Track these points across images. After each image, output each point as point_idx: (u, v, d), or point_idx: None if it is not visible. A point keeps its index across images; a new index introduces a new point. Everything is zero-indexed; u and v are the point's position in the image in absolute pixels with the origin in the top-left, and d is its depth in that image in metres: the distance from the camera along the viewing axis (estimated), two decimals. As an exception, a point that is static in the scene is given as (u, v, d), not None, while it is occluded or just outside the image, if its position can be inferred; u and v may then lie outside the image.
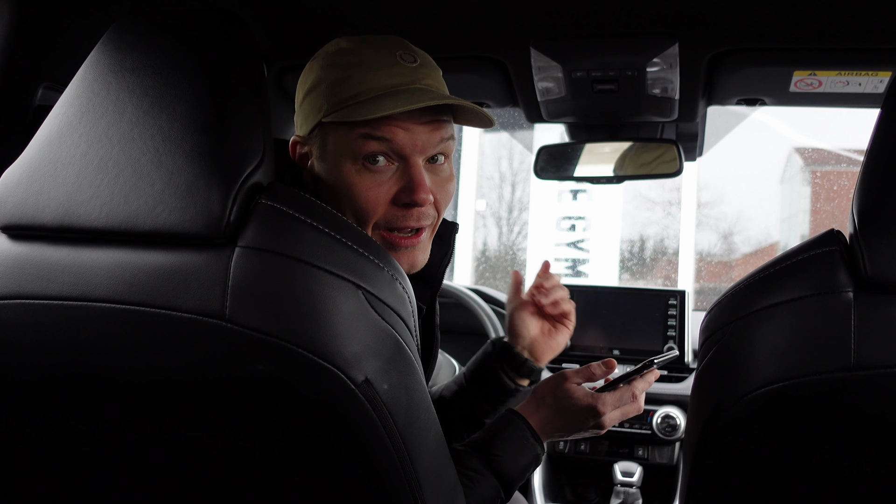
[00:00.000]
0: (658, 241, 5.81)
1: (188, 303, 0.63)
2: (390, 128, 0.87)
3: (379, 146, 0.87)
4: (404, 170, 0.89)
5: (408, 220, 0.90)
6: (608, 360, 1.11)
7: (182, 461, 0.69)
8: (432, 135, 0.90)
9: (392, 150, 0.88)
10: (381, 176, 0.89)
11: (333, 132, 0.90)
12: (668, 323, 2.01)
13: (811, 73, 1.33)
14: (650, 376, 1.11)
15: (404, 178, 0.89)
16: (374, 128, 0.87)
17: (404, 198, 0.89)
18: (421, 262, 0.95)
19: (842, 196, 4.99)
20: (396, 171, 0.90)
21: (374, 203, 0.89)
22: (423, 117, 0.88)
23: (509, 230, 6.18)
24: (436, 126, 0.90)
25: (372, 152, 0.88)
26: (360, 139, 0.87)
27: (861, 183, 0.66)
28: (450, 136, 0.92)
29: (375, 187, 0.89)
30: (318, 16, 1.29)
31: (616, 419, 1.08)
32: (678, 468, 1.93)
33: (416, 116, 0.88)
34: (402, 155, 0.89)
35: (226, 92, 0.68)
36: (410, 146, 0.88)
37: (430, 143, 0.90)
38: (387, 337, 0.67)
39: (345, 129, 0.88)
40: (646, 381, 1.10)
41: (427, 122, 0.89)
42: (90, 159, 0.68)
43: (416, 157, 0.89)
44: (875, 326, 0.62)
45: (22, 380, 0.69)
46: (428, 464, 0.72)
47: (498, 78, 1.45)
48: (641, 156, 1.73)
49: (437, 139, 0.90)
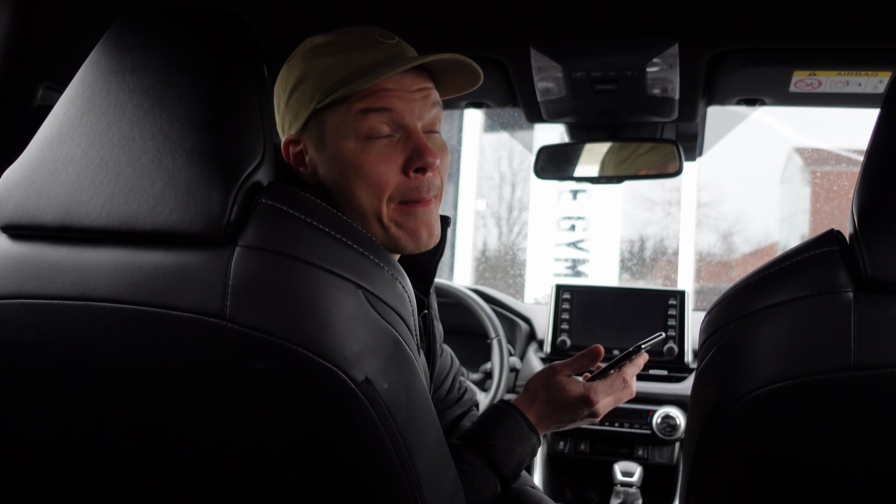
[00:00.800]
0: (658, 241, 5.81)
1: (188, 302, 0.63)
2: (388, 98, 0.88)
3: (379, 118, 0.88)
4: (407, 138, 0.90)
5: (420, 189, 0.91)
6: (594, 347, 1.12)
7: (182, 460, 0.69)
8: (425, 101, 0.91)
9: (392, 121, 0.89)
10: (386, 148, 0.90)
11: (331, 116, 0.90)
12: (668, 323, 2.01)
13: (811, 73, 1.33)
14: (639, 360, 1.12)
15: (409, 146, 0.90)
16: (373, 101, 0.88)
17: (415, 163, 0.89)
18: (436, 232, 0.95)
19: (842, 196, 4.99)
20: (399, 142, 0.90)
21: (385, 175, 0.89)
22: (413, 85, 0.90)
23: (509, 230, 6.18)
24: (427, 93, 0.92)
25: (374, 126, 0.89)
26: (359, 115, 0.88)
27: (861, 183, 0.66)
28: (438, 101, 0.94)
29: (384, 160, 0.89)
30: (317, 16, 1.29)
31: (609, 405, 1.09)
32: (678, 468, 1.93)
33: (408, 85, 0.89)
34: (402, 124, 0.90)
35: (226, 92, 0.68)
36: (409, 113, 0.90)
37: (425, 109, 0.91)
38: (387, 336, 0.67)
39: (342, 110, 0.89)
40: (635, 365, 1.12)
41: (419, 89, 0.91)
42: (91, 159, 0.68)
43: (416, 124, 0.91)
44: (875, 326, 0.62)
45: (22, 379, 0.69)
46: (428, 463, 0.72)
47: (498, 78, 1.45)
48: (641, 156, 1.73)
49: (429, 105, 0.92)
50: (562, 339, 2.06)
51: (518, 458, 1.04)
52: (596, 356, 1.11)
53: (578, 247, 5.50)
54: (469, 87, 0.98)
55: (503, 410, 1.08)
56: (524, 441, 1.05)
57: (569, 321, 2.08)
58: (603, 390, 1.07)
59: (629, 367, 1.11)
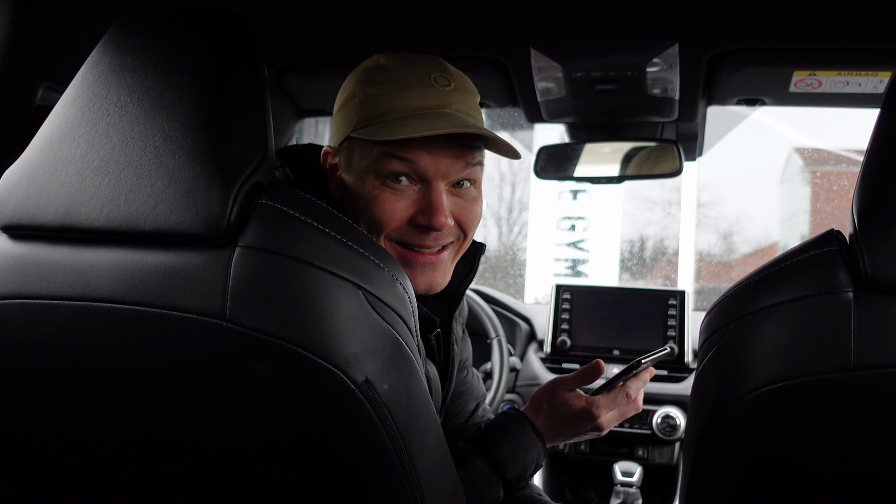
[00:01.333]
0: (658, 241, 5.81)
1: (188, 303, 0.63)
2: (414, 150, 0.87)
3: (402, 166, 0.88)
4: (425, 192, 0.89)
5: (424, 240, 0.90)
6: (595, 363, 1.11)
7: (182, 460, 0.69)
8: (456, 161, 0.89)
9: (414, 172, 0.89)
10: (402, 194, 0.89)
11: (359, 148, 0.90)
12: (668, 323, 2.01)
13: (811, 73, 1.33)
14: (645, 375, 1.11)
15: (424, 201, 0.89)
16: (398, 148, 0.87)
17: (422, 220, 0.89)
18: (440, 283, 0.94)
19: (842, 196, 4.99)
20: (418, 193, 0.90)
21: (390, 217, 0.89)
22: (447, 142, 0.88)
23: (509, 230, 6.18)
24: (461, 152, 0.89)
25: (394, 171, 0.88)
26: (383, 157, 0.88)
27: (861, 183, 0.66)
28: (477, 161, 0.92)
29: (395, 202, 0.89)
30: (317, 16, 1.29)
31: (614, 420, 1.09)
32: (678, 468, 1.93)
33: (441, 141, 0.88)
34: (425, 177, 0.89)
35: (226, 92, 0.68)
36: (433, 170, 0.88)
37: (454, 169, 0.90)
38: (387, 337, 0.67)
39: (370, 146, 0.89)
40: (640, 380, 1.10)
41: (452, 147, 0.89)
42: (91, 159, 0.68)
43: (439, 182, 0.89)
44: (875, 326, 0.62)
45: (22, 379, 0.69)
46: (428, 464, 0.72)
47: (498, 78, 1.45)
48: (641, 156, 1.73)
49: (461, 165, 0.90)
50: (562, 339, 2.06)
51: (523, 464, 1.03)
52: (597, 372, 1.10)
53: (578, 247, 5.50)
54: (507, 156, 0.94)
55: (510, 416, 1.08)
56: (530, 447, 1.05)
57: (569, 321, 2.08)
58: (605, 405, 1.07)
59: (634, 382, 1.09)
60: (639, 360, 1.07)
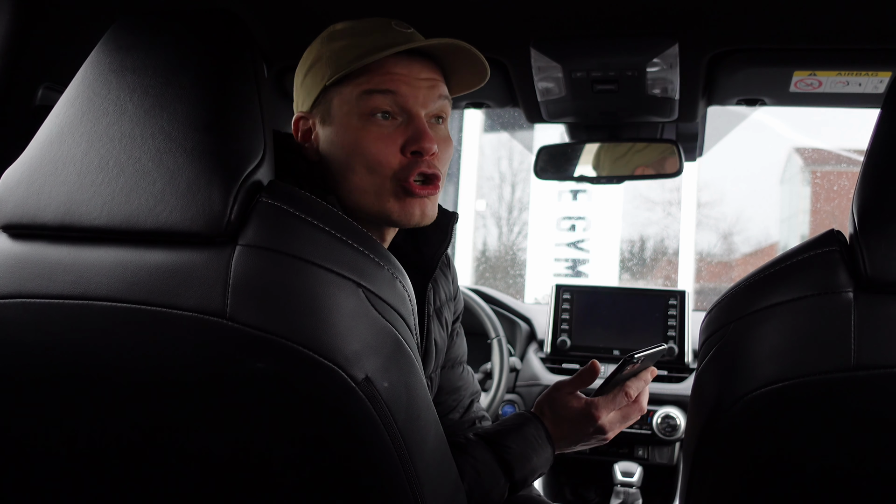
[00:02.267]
0: (658, 241, 5.81)
1: (189, 301, 0.63)
2: (393, 80, 0.90)
3: (383, 99, 0.90)
4: (409, 122, 0.92)
5: (420, 167, 0.91)
6: (591, 363, 1.10)
7: (182, 459, 0.69)
8: (431, 91, 0.93)
9: (396, 103, 0.91)
10: (387, 128, 0.91)
11: (338, 95, 0.92)
12: (668, 323, 2.01)
13: (811, 73, 1.33)
14: (647, 375, 1.10)
15: (409, 130, 0.91)
16: (378, 82, 0.90)
17: (411, 146, 0.90)
18: (431, 213, 0.95)
19: (842, 196, 4.99)
20: (401, 125, 0.92)
21: (385, 153, 0.91)
22: (422, 73, 0.92)
23: (509, 230, 6.18)
24: (434, 83, 0.93)
25: (377, 107, 0.90)
26: (364, 95, 0.90)
27: (861, 183, 0.66)
28: (446, 95, 0.95)
29: (383, 139, 0.91)
30: (318, 16, 1.29)
31: (617, 423, 1.08)
32: (678, 468, 1.93)
33: (416, 71, 0.91)
34: (406, 107, 0.91)
35: (226, 91, 0.68)
36: (413, 98, 0.91)
37: (430, 98, 0.93)
38: (387, 335, 0.67)
39: (349, 89, 0.91)
40: (642, 380, 1.09)
41: (426, 78, 0.92)
42: (91, 158, 0.68)
43: (419, 110, 0.92)
44: (875, 326, 0.62)
45: (23, 379, 0.69)
46: (428, 462, 0.72)
47: (498, 78, 1.45)
48: (641, 156, 1.73)
49: (435, 95, 0.93)
50: (562, 339, 2.06)
51: (532, 466, 1.03)
52: (594, 373, 1.10)
53: (578, 247, 5.50)
54: (477, 83, 1.00)
55: (526, 418, 1.07)
56: (540, 450, 1.04)
57: (569, 321, 2.08)
58: (604, 405, 1.06)
59: (634, 383, 1.08)
60: (631, 355, 1.05)
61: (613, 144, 1.73)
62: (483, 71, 0.98)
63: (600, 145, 1.74)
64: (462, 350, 1.22)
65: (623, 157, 1.75)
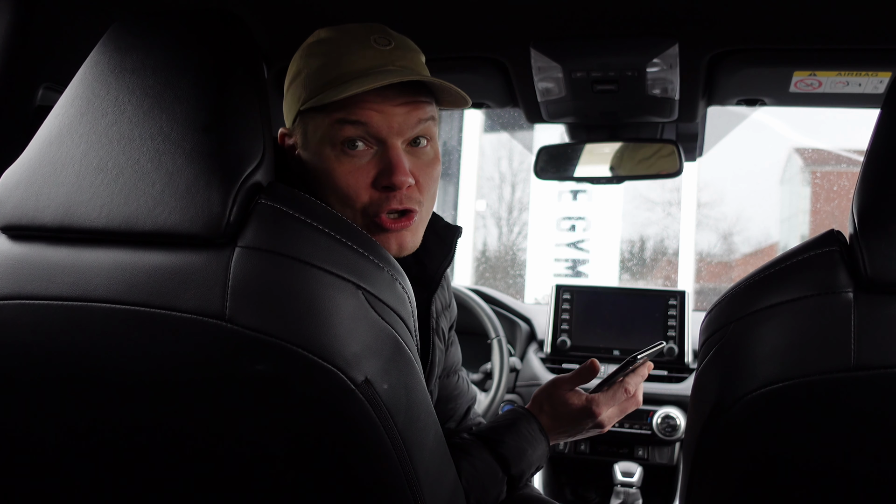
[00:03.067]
0: (658, 242, 5.80)
1: (188, 303, 0.63)
2: (364, 111, 0.86)
3: (355, 130, 0.87)
4: (382, 153, 0.88)
5: (391, 203, 0.88)
6: (591, 362, 1.11)
7: (182, 461, 0.69)
8: (408, 116, 0.88)
9: (368, 134, 0.87)
10: (360, 160, 0.88)
11: (312, 120, 0.89)
12: (668, 323, 2.01)
13: (811, 73, 1.33)
14: (643, 370, 1.12)
15: (382, 162, 0.88)
16: (349, 112, 0.86)
17: (383, 181, 0.87)
18: (410, 245, 0.92)
19: (842, 196, 4.99)
20: (375, 156, 0.88)
21: (355, 187, 0.88)
22: (397, 98, 0.87)
23: (509, 230, 6.18)
24: (412, 107, 0.88)
25: (349, 137, 0.87)
26: (336, 125, 0.87)
27: (861, 183, 0.66)
28: (429, 116, 0.91)
29: (354, 172, 0.88)
30: (317, 16, 1.29)
31: (614, 416, 1.10)
32: (678, 468, 1.93)
33: (391, 98, 0.87)
34: (379, 138, 0.87)
35: (226, 92, 0.68)
36: (386, 128, 0.87)
37: (407, 125, 0.88)
38: (387, 337, 0.67)
39: (321, 116, 0.88)
40: (639, 375, 1.11)
41: (402, 103, 0.87)
42: (90, 160, 0.68)
43: (394, 139, 0.88)
44: (875, 326, 0.62)
45: (22, 380, 0.69)
46: (428, 464, 0.72)
47: (498, 78, 1.45)
48: (641, 156, 1.73)
49: (414, 120, 0.89)
50: (562, 339, 2.06)
51: (528, 461, 1.04)
52: (593, 371, 1.11)
53: (578, 247, 5.49)
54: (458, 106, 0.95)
55: (519, 414, 1.08)
56: (536, 445, 1.05)
57: (569, 321, 2.08)
58: (604, 402, 1.08)
59: (632, 378, 1.10)
60: (634, 355, 1.08)
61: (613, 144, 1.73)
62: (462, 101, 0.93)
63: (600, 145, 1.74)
64: (457, 358, 1.22)
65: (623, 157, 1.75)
